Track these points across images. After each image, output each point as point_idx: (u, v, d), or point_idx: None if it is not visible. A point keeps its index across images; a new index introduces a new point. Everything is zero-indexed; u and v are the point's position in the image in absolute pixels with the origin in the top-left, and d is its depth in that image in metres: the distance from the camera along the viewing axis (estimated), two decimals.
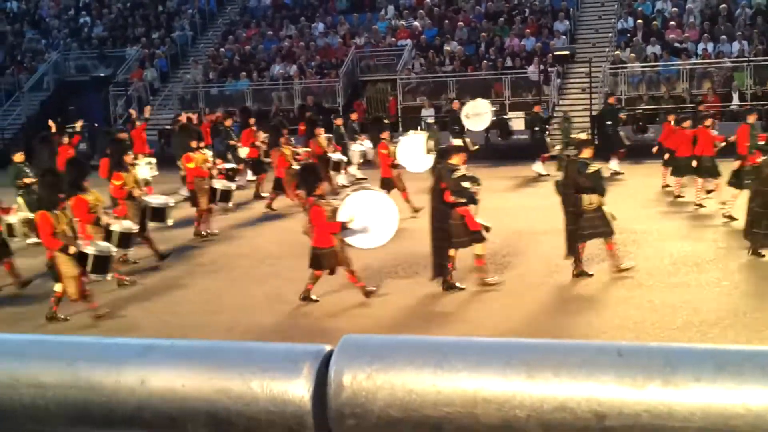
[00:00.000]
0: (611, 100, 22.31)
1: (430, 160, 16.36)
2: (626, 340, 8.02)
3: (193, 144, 15.76)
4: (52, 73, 34.53)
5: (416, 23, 32.01)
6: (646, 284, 11.46)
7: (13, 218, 13.56)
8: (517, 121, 25.75)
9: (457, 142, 18.61)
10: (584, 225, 11.43)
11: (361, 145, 20.90)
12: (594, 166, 11.48)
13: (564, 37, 29.70)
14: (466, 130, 21.47)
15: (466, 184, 11.28)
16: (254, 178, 20.48)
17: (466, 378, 1.36)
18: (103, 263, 10.94)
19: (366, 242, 11.23)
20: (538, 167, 21.02)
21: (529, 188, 19.90)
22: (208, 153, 16.72)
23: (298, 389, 1.40)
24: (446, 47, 30.25)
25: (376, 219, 11.10)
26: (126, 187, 13.45)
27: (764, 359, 1.27)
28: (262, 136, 20.10)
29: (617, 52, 28.35)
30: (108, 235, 12.02)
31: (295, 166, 16.71)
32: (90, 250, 10.80)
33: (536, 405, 1.32)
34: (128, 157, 14.17)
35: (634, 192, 18.26)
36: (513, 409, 1.33)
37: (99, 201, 12.19)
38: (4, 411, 1.51)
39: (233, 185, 17.03)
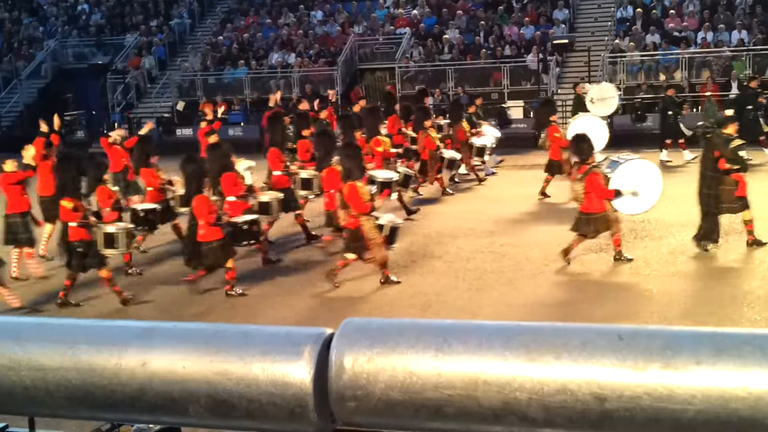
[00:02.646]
0: (670, 92, 21.62)
1: (602, 143, 16.59)
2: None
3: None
4: (50, 60, 34.42)
5: (415, 12, 31.95)
6: (644, 273, 11.48)
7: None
8: (516, 110, 25.71)
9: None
10: (722, 200, 11.97)
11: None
12: (737, 142, 12.12)
13: (563, 25, 29.65)
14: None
15: (742, 153, 12.21)
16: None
17: (467, 361, 1.36)
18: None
19: (634, 208, 12.26)
20: (663, 155, 19.99)
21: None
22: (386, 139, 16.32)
23: (299, 372, 1.40)
24: (445, 36, 30.20)
25: (644, 186, 12.06)
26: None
27: (764, 341, 1.28)
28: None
29: (616, 41, 28.31)
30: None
31: (442, 149, 16.53)
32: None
33: (537, 388, 1.33)
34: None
35: None
36: (513, 391, 1.33)
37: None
38: (5, 394, 1.51)
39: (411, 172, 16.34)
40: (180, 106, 29.35)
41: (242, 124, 28.89)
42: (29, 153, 13.16)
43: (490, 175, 19.50)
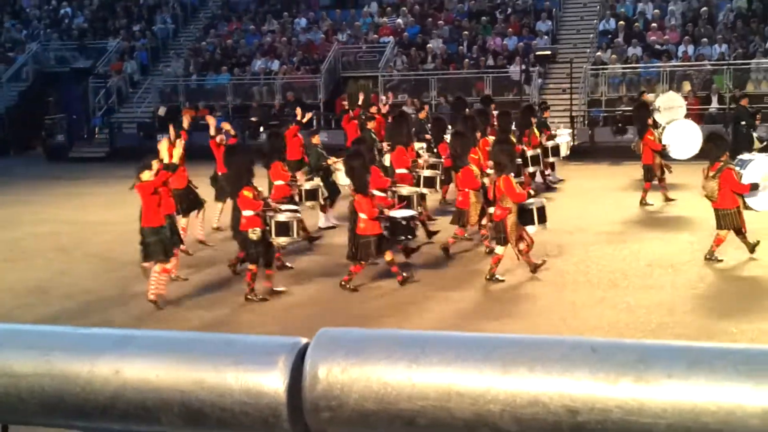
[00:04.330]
0: (744, 102, 21.18)
1: (697, 146, 16.92)
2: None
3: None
4: (31, 63, 34.21)
5: (399, 20, 32.03)
6: (622, 285, 11.54)
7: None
8: None
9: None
10: None
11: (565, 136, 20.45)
12: None
13: (546, 37, 29.81)
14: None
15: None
16: None
17: (441, 372, 1.37)
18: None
19: (762, 204, 12.53)
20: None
21: None
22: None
23: (272, 381, 1.40)
24: (428, 45, 30.29)
25: None
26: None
27: (736, 356, 1.29)
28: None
29: (598, 53, 28.48)
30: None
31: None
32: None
33: (509, 400, 1.33)
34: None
35: (612, 192, 18.36)
36: (487, 403, 1.34)
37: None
38: None
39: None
40: (161, 111, 29.24)
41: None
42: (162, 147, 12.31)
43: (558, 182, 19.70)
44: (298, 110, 18.59)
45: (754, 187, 12.18)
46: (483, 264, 12.72)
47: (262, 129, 14.65)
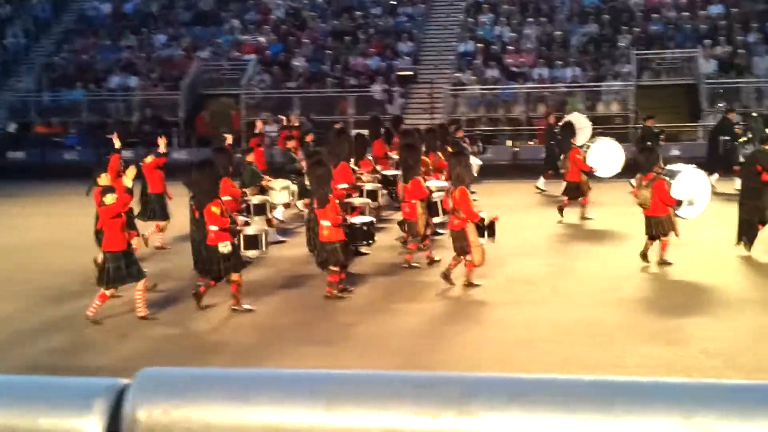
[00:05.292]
0: (649, 122, 21.35)
1: (620, 165, 17.98)
2: (464, 357, 8.14)
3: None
4: None
5: (261, 38, 31.89)
6: (490, 301, 11.77)
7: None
8: None
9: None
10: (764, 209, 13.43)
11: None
12: None
13: (408, 57, 30.29)
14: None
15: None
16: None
17: (268, 411, 1.34)
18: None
19: (689, 213, 13.38)
20: (540, 184, 20.76)
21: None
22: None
23: (89, 426, 1.33)
24: (292, 63, 30.29)
25: (697, 193, 13.41)
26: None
27: (554, 388, 1.31)
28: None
29: (458, 74, 29.14)
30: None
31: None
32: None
33: None
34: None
35: (527, 209, 18.68)
36: None
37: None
38: None
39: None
40: (11, 128, 28.09)
41: (78, 147, 27.92)
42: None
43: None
44: (258, 123, 19.15)
45: (679, 203, 12.88)
46: (430, 275, 12.95)
47: (118, 146, 14.19)
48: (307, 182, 15.80)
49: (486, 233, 12.28)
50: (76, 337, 10.73)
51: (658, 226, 13.00)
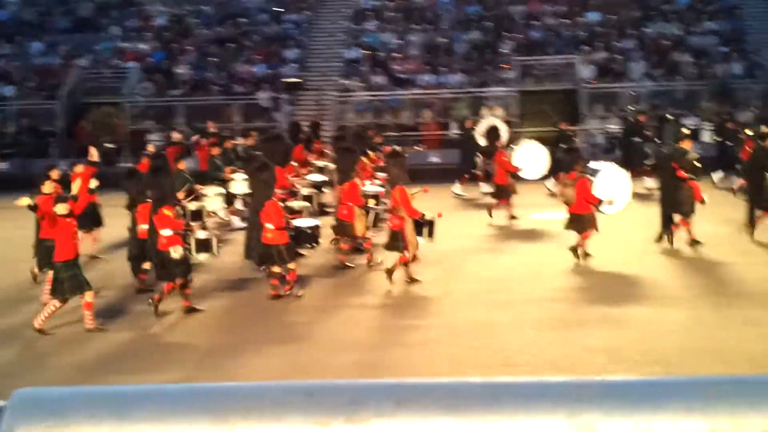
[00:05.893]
0: (642, 118, 22.21)
1: (545, 167, 18.51)
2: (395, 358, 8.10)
3: None
4: None
5: (143, 46, 31.21)
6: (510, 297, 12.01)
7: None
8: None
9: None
10: (682, 203, 14.19)
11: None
12: (693, 155, 14.55)
13: (294, 64, 30.17)
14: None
15: (697, 164, 14.45)
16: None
17: (149, 428, 1.30)
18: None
19: (610, 209, 14.03)
20: (457, 189, 21.05)
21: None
22: None
23: None
24: (175, 71, 29.75)
25: (618, 190, 14.03)
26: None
27: (441, 391, 1.32)
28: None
29: (345, 81, 29.20)
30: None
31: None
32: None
33: None
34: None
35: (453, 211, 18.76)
36: None
37: None
38: None
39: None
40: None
41: None
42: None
43: None
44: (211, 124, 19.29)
45: (601, 202, 13.55)
46: (367, 274, 13.42)
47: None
48: (231, 189, 16.54)
49: (426, 232, 12.66)
50: (25, 351, 10.53)
51: (581, 223, 13.59)
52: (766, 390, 1.34)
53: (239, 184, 16.53)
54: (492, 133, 18.58)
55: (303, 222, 13.34)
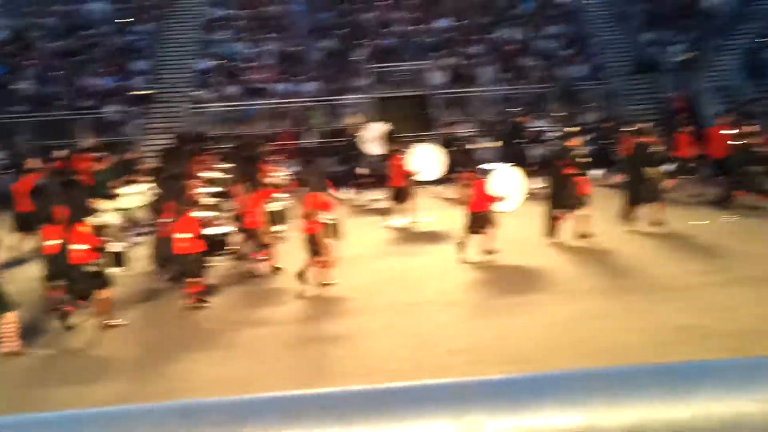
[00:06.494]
0: (522, 119, 22.88)
1: (440, 169, 18.97)
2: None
3: None
4: None
5: None
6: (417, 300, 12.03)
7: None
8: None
9: None
10: (568, 198, 14.95)
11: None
12: (579, 152, 15.56)
13: (144, 76, 29.47)
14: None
15: (583, 161, 15.53)
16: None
17: None
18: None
19: (506, 208, 14.72)
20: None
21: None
22: None
23: None
24: (17, 86, 28.53)
25: (512, 189, 14.80)
26: None
27: (325, 400, 1.29)
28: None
29: (198, 92, 28.73)
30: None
31: None
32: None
33: None
34: None
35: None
36: None
37: None
38: None
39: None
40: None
41: None
42: None
43: None
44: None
45: (497, 198, 14.18)
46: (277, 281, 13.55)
47: None
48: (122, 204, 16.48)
49: (333, 233, 13.22)
50: None
51: (479, 221, 14.08)
52: (640, 379, 1.38)
53: (129, 198, 16.36)
54: (385, 137, 18.92)
55: (215, 231, 13.57)
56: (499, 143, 23.21)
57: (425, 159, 18.82)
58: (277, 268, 13.94)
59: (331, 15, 32.52)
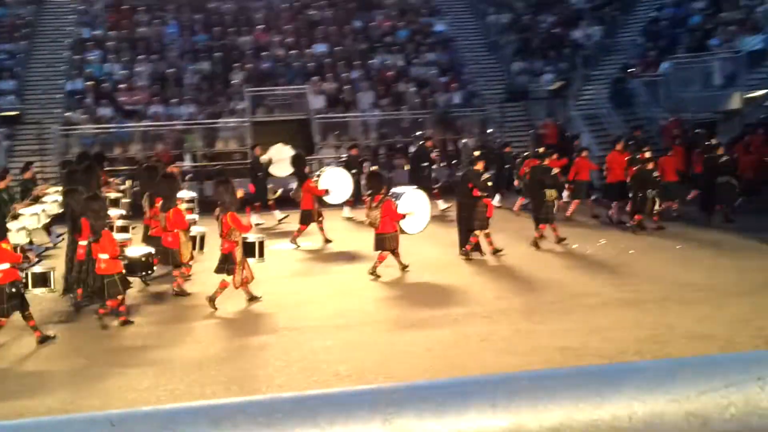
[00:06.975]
0: (428, 143, 22.95)
1: (349, 191, 19.41)
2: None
3: None
4: None
5: None
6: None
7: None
8: None
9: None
10: (477, 219, 15.55)
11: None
12: (485, 175, 15.91)
13: (11, 96, 28.41)
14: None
15: (489, 183, 16.03)
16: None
17: None
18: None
19: (413, 229, 15.41)
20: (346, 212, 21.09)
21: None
22: None
23: None
24: None
25: (419, 211, 15.41)
26: None
27: (255, 408, 1.28)
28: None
29: (68, 113, 27.88)
30: None
31: None
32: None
33: None
34: None
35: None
36: None
37: None
38: None
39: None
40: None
41: None
42: None
43: None
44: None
45: (406, 215, 14.63)
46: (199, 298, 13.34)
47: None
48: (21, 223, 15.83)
49: (256, 252, 13.42)
50: None
51: (387, 242, 14.39)
52: (563, 381, 1.42)
53: (29, 219, 15.80)
54: (297, 160, 18.85)
55: (135, 251, 13.52)
56: (406, 166, 23.58)
57: (334, 182, 18.91)
58: (185, 293, 13.77)
59: (205, 38, 32.18)
